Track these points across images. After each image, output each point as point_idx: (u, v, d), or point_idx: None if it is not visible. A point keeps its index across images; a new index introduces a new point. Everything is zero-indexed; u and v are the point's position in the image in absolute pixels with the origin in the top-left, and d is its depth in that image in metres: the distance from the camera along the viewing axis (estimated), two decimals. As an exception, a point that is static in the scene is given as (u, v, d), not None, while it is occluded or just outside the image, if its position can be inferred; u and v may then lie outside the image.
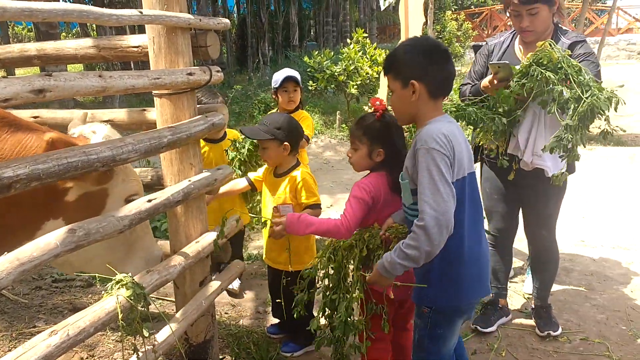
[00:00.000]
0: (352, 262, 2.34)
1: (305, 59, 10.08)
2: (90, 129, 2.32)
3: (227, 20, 2.68)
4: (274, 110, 4.14)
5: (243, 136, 3.56)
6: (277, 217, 2.55)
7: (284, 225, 2.44)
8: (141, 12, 2.08)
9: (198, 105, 2.63)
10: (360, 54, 9.79)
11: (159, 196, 2.23)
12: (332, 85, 9.88)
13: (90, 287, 4.17)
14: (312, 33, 30.09)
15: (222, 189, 3.11)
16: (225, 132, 3.76)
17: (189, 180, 2.46)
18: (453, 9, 22.52)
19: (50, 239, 1.68)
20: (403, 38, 4.11)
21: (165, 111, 2.49)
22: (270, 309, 3.57)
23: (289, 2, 22.46)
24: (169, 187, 2.37)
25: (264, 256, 3.28)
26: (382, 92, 4.59)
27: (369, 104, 2.57)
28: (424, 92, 2.03)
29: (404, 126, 2.52)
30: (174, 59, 2.42)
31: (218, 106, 2.72)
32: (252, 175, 3.26)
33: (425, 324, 2.15)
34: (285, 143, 2.91)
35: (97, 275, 2.16)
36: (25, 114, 2.92)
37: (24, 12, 1.60)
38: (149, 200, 2.17)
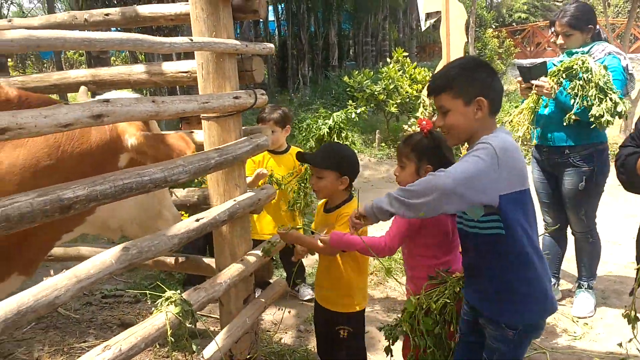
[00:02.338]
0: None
1: (345, 78, 10.16)
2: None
3: (272, 45, 2.76)
4: None
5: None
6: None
7: (327, 242, 2.42)
8: (191, 40, 2.17)
9: (243, 127, 2.71)
10: (400, 73, 9.82)
11: (206, 216, 2.30)
12: (372, 105, 9.91)
13: (138, 303, 4.28)
14: (351, 53, 30.34)
15: None
16: (288, 145, 3.81)
17: (234, 200, 2.52)
18: (494, 26, 22.32)
19: (106, 257, 1.76)
20: (444, 57, 4.11)
21: (212, 133, 2.57)
22: (312, 327, 3.58)
23: (328, 23, 22.75)
24: (215, 207, 2.44)
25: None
26: (423, 112, 4.58)
27: (411, 124, 2.55)
28: (488, 108, 2.02)
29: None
30: (222, 83, 2.50)
31: (262, 128, 2.78)
32: None
33: (509, 347, 2.07)
34: (345, 177, 2.64)
35: (147, 292, 2.23)
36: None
37: (83, 42, 1.70)
38: (197, 220, 2.23)
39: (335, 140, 3.91)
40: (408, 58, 10.24)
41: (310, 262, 4.59)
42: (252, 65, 2.61)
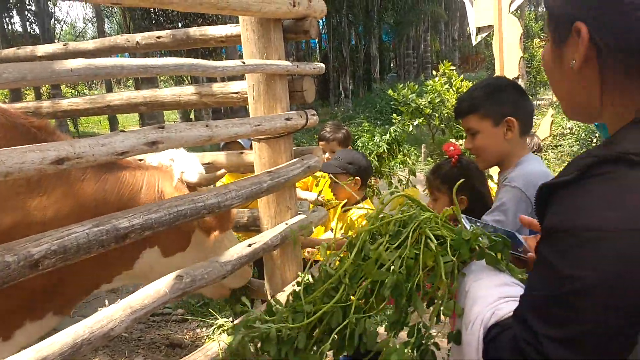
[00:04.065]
0: None
1: (390, 91, 10.06)
2: (168, 157, 2.32)
3: (322, 65, 2.70)
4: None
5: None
6: None
7: None
8: (244, 63, 2.14)
9: (294, 148, 2.66)
10: (446, 86, 9.64)
11: (258, 240, 2.25)
12: (418, 118, 9.76)
13: (185, 322, 4.28)
14: (392, 65, 30.24)
15: None
16: None
17: (286, 224, 2.47)
18: (542, 37, 21.77)
19: (159, 287, 1.72)
20: (498, 72, 3.98)
21: (263, 155, 2.53)
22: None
23: (369, 36, 22.76)
24: (267, 231, 2.39)
25: None
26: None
27: (445, 148, 2.44)
28: (518, 128, 1.95)
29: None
30: (272, 105, 2.46)
31: (313, 149, 2.72)
32: None
33: None
34: (357, 177, 2.94)
35: (200, 317, 2.19)
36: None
37: (139, 69, 1.68)
38: (249, 245, 2.19)
39: (396, 154, 3.81)
40: (455, 71, 10.05)
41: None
42: (302, 86, 2.56)
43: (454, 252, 1.22)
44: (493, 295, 1.05)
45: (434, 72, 10.18)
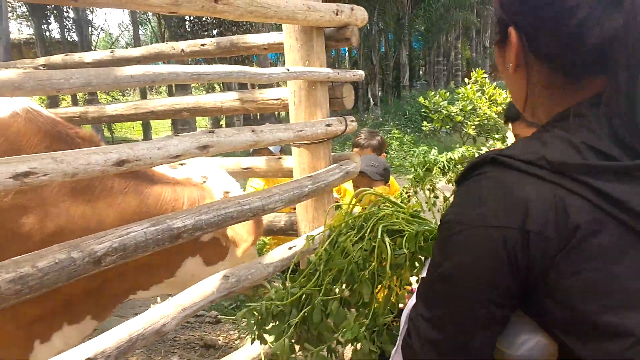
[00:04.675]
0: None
1: (421, 99, 10.05)
2: (199, 173, 2.36)
3: (362, 72, 2.75)
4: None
5: None
6: None
7: None
8: (288, 70, 2.20)
9: (332, 154, 2.70)
10: (478, 93, 9.58)
11: (298, 244, 2.29)
12: (448, 126, 9.71)
13: (219, 323, 4.35)
14: (421, 73, 30.08)
15: None
16: None
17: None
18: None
19: (207, 286, 1.78)
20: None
21: (303, 160, 2.58)
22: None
23: (399, 44, 22.71)
24: (305, 235, 2.43)
25: None
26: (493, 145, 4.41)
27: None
28: None
29: None
30: (313, 111, 2.51)
31: (351, 154, 2.76)
32: None
33: None
34: (388, 184, 3.05)
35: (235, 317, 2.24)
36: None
37: (192, 76, 1.75)
38: (290, 248, 2.23)
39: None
40: (487, 79, 9.98)
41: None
42: (342, 93, 2.61)
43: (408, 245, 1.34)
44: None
45: (466, 80, 10.12)
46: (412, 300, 1.07)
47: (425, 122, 9.72)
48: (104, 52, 3.26)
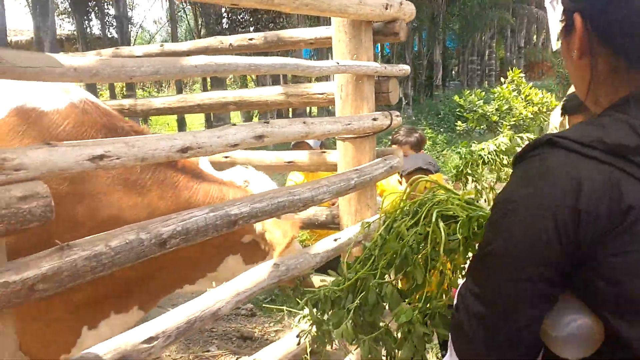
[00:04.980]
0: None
1: (456, 97, 9.97)
2: (241, 177, 2.39)
3: (408, 67, 2.76)
4: None
5: None
6: None
7: None
8: (338, 63, 2.23)
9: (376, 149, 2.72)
10: (514, 93, 9.45)
11: (343, 236, 2.32)
12: (482, 126, 9.61)
13: (254, 316, 4.42)
14: (453, 72, 29.73)
15: None
16: None
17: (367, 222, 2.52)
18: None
19: (260, 273, 1.82)
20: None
21: (347, 154, 2.60)
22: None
23: (433, 42, 22.49)
24: (350, 227, 2.46)
25: None
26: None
27: None
28: None
29: None
30: (359, 105, 2.54)
31: (394, 150, 2.78)
32: None
33: None
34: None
35: (284, 308, 2.29)
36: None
37: (250, 67, 1.80)
38: (335, 240, 2.26)
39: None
40: (524, 79, 9.83)
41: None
42: (388, 87, 2.62)
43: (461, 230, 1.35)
44: None
45: (502, 79, 9.99)
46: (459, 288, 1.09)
47: (459, 122, 9.63)
48: (154, 46, 3.34)
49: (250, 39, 2.94)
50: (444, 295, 1.43)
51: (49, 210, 1.15)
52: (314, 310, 1.53)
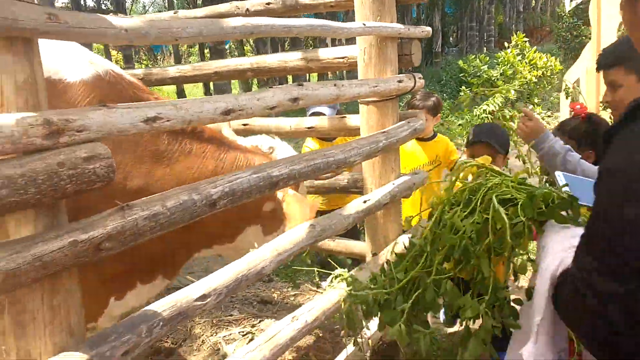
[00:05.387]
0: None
1: (461, 62, 9.90)
2: (266, 145, 2.46)
3: (429, 29, 2.74)
4: None
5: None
6: None
7: None
8: (364, 25, 2.22)
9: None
10: (518, 57, 9.37)
11: (371, 197, 2.35)
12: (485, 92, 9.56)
13: (271, 282, 4.49)
14: (451, 39, 29.40)
15: None
16: (435, 132, 3.69)
17: (393, 184, 2.55)
18: None
19: (298, 233, 1.86)
20: (594, 39, 3.86)
21: (371, 117, 2.61)
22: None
23: (432, 9, 22.19)
24: (377, 190, 2.48)
25: None
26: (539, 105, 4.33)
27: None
28: None
29: None
30: (383, 68, 2.53)
31: (417, 112, 2.78)
32: None
33: None
34: (507, 156, 2.75)
35: (316, 270, 2.33)
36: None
37: (284, 28, 1.80)
38: (364, 201, 2.29)
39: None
40: (528, 43, 9.73)
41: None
42: (411, 49, 2.61)
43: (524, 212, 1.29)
44: (563, 247, 1.12)
45: (506, 44, 9.89)
46: (552, 264, 1.08)
47: (463, 88, 9.56)
48: (167, 13, 3.30)
49: (268, 4, 2.91)
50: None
51: (112, 171, 1.17)
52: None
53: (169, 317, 1.36)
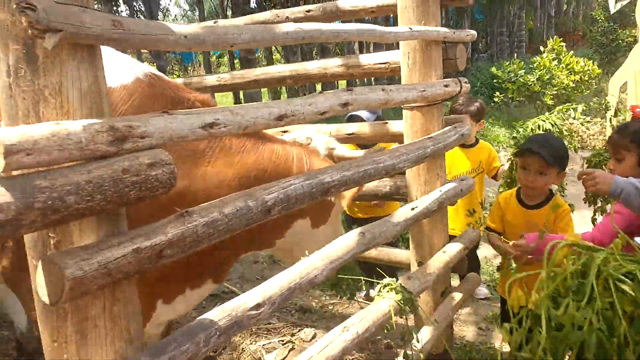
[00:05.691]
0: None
1: (493, 69, 9.78)
2: (303, 136, 2.42)
3: (474, 32, 2.69)
4: None
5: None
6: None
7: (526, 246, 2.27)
8: (411, 29, 2.18)
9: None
10: (554, 62, 9.19)
11: (419, 205, 2.30)
12: (522, 98, 9.40)
13: (308, 290, 4.44)
14: (480, 45, 29.08)
15: None
16: (477, 139, 3.63)
17: (440, 191, 2.50)
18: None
19: (348, 241, 1.82)
20: (642, 40, 3.73)
21: (415, 123, 2.56)
22: (493, 326, 3.48)
23: (462, 15, 22.00)
24: (425, 197, 2.43)
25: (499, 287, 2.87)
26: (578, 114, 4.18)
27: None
28: None
29: None
30: (428, 72, 2.49)
31: (463, 117, 2.73)
32: None
33: None
34: (565, 172, 2.48)
35: (363, 279, 2.29)
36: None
37: (333, 33, 1.78)
38: (412, 209, 2.24)
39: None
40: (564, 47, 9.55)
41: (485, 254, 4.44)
42: (456, 54, 2.56)
43: None
44: None
45: (542, 48, 9.72)
46: None
47: (497, 93, 9.42)
48: (207, 23, 3.33)
49: (308, 11, 2.90)
50: None
51: (173, 177, 1.15)
52: None
53: (225, 326, 1.34)
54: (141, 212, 1.37)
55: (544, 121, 4.15)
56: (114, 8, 15.69)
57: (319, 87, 13.68)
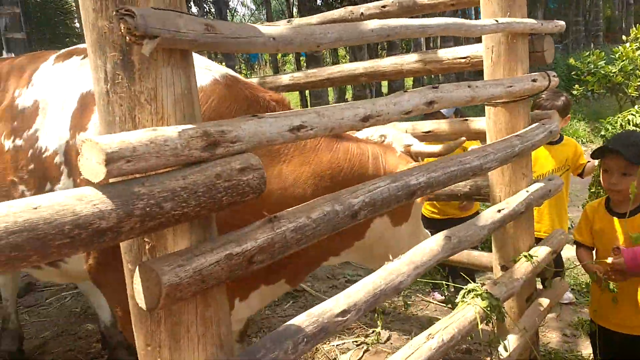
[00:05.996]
0: None
1: (571, 60, 9.24)
2: (377, 133, 2.34)
3: (563, 23, 2.53)
4: None
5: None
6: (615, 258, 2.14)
7: (623, 265, 2.09)
8: (497, 21, 2.07)
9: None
10: (638, 52, 8.54)
11: (506, 207, 2.18)
12: (604, 90, 8.82)
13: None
14: (554, 35, 27.81)
15: None
16: (561, 135, 3.41)
17: (527, 191, 2.36)
18: None
19: (433, 245, 1.75)
20: None
21: (499, 120, 2.43)
22: (578, 333, 3.28)
23: (534, 4, 21.05)
24: (511, 198, 2.31)
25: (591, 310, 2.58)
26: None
27: None
28: None
29: None
30: (513, 66, 2.35)
31: (550, 113, 2.57)
32: None
33: None
34: None
35: (442, 282, 2.21)
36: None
37: (419, 29, 1.70)
38: (499, 211, 2.13)
39: None
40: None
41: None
42: (543, 46, 2.41)
43: None
44: None
45: (624, 37, 9.07)
46: None
47: (577, 86, 8.89)
48: (280, 22, 3.33)
49: (383, 6, 2.84)
50: None
51: (263, 182, 1.13)
52: None
53: (312, 333, 1.31)
54: (220, 215, 1.36)
55: (634, 115, 3.86)
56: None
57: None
